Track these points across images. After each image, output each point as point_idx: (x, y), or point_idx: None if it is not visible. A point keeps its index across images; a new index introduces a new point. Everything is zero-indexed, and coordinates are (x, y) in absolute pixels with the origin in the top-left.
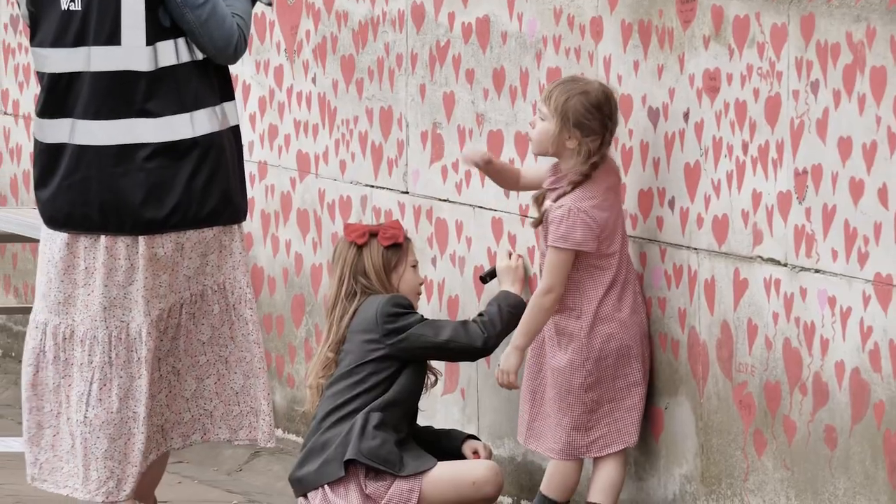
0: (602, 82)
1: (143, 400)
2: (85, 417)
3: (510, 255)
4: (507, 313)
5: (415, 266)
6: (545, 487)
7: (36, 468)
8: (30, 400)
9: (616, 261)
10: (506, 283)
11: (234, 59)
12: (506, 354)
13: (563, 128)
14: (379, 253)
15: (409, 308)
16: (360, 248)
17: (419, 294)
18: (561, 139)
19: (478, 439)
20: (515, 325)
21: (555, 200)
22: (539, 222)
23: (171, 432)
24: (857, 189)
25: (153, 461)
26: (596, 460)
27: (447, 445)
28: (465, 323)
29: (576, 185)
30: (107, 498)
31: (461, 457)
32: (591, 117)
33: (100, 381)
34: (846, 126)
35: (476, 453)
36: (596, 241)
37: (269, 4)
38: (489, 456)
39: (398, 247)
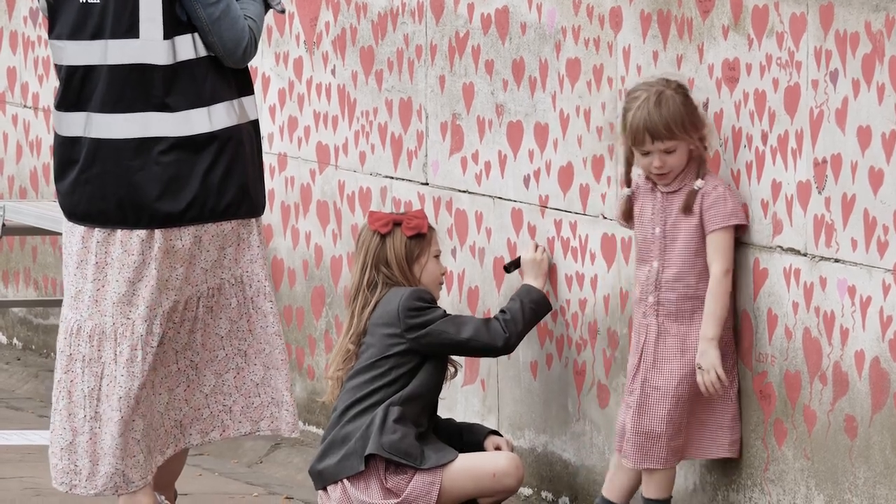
0: (651, 83)
1: (136, 396)
2: (95, 413)
3: (536, 247)
4: (529, 310)
5: (437, 256)
6: (651, 492)
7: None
8: None
9: None
10: (529, 277)
11: (243, 62)
12: (702, 352)
13: (692, 135)
14: (402, 243)
15: (432, 302)
16: (383, 237)
17: (441, 284)
18: (695, 144)
19: (500, 435)
20: (536, 322)
21: (695, 188)
22: (689, 208)
23: (189, 428)
24: (876, 178)
25: (173, 455)
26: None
27: (469, 440)
28: (487, 321)
29: (702, 167)
30: (116, 492)
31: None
32: (692, 104)
33: (108, 376)
34: (865, 115)
35: (498, 449)
36: None
37: (283, 11)
38: (511, 451)
39: (421, 237)
